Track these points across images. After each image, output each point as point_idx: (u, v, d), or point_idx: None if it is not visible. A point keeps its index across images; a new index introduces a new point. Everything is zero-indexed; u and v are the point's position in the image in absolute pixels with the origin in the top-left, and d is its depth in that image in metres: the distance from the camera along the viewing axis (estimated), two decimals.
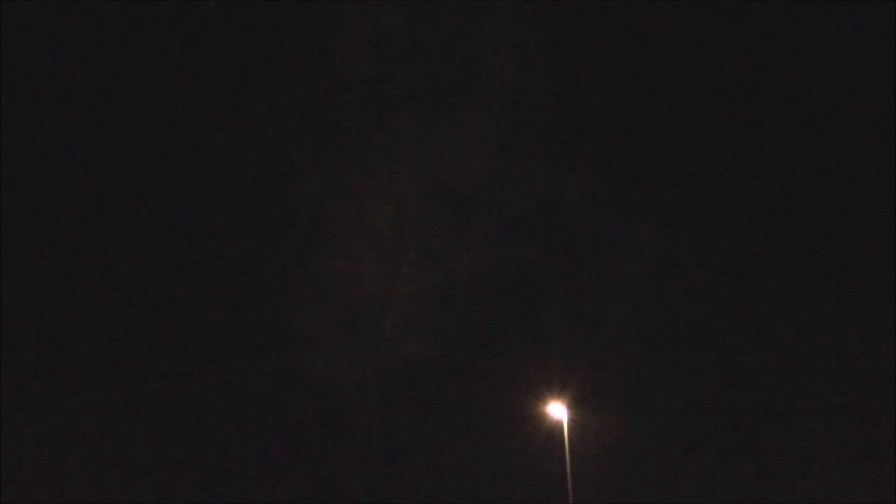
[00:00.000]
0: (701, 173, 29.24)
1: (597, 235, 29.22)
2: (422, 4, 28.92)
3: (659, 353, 28.55)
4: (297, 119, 29.49)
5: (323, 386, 28.67)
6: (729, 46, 29.13)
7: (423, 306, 29.19)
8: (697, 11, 29.03)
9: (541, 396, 27.03)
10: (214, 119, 29.24)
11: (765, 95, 29.15)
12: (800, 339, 28.50)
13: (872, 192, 28.31)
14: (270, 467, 28.44)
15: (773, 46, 28.99)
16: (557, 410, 26.71)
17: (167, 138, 29.18)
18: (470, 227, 29.41)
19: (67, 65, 28.85)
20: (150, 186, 29.25)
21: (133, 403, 28.56)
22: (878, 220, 28.14)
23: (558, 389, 26.89)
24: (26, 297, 28.41)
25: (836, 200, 28.69)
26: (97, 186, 29.20)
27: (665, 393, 28.17)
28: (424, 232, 29.34)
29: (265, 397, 28.81)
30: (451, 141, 29.20)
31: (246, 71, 29.33)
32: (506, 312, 29.33)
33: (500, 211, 29.35)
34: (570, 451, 26.52)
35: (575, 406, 26.76)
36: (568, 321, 28.80)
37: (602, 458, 26.99)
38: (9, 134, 28.41)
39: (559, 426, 26.68)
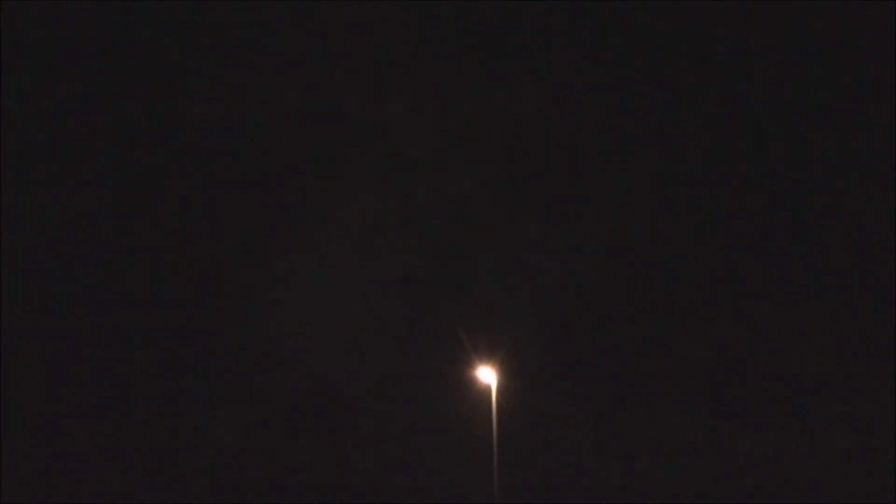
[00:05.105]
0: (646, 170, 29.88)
1: (526, 215, 29.80)
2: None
3: (587, 321, 29.09)
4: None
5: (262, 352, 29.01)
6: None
7: (355, 273, 29.44)
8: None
9: (470, 361, 27.31)
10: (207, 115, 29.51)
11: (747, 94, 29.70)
12: (721, 311, 29.14)
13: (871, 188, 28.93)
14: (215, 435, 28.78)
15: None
16: (487, 375, 27.03)
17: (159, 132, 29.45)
18: (409, 204, 29.82)
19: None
20: (141, 180, 29.83)
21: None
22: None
23: (487, 354, 27.20)
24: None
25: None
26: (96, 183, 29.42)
27: (593, 359, 28.72)
28: (370, 212, 29.69)
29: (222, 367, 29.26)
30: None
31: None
32: (436, 279, 29.66)
33: (439, 188, 29.76)
34: (498, 415, 26.80)
35: (504, 371, 27.07)
36: (498, 288, 29.21)
37: (529, 423, 27.39)
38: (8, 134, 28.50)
39: (488, 390, 26.99)
